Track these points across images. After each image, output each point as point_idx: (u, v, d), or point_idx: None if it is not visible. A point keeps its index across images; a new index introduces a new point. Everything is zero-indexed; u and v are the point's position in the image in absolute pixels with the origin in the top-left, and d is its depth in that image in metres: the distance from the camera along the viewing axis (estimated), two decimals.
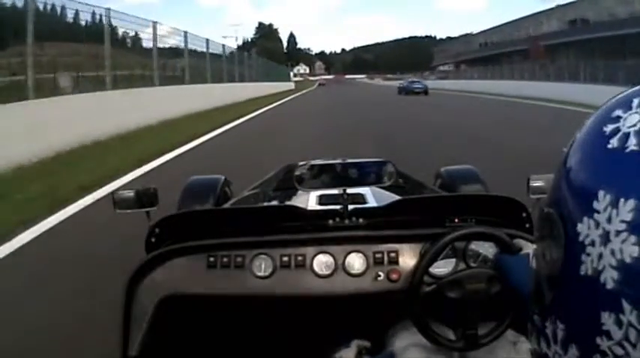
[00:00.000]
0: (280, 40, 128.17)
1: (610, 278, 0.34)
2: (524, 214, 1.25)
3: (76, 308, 2.68)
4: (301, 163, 1.40)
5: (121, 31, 13.28)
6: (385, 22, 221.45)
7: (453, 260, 1.12)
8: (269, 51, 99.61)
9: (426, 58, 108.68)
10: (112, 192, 1.42)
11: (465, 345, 1.02)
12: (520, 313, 1.01)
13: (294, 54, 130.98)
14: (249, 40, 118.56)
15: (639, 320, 0.33)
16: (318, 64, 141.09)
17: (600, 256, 0.35)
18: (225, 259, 1.16)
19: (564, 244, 0.38)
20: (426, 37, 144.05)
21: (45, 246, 3.81)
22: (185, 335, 1.33)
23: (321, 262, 1.16)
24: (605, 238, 0.34)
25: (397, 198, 1.41)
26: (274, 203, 1.83)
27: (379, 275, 1.15)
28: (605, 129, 0.37)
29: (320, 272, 1.16)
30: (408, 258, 1.15)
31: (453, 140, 9.29)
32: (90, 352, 2.23)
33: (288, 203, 1.56)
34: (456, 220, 1.20)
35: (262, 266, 1.16)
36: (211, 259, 1.16)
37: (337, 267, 1.16)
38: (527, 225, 1.25)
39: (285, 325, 1.36)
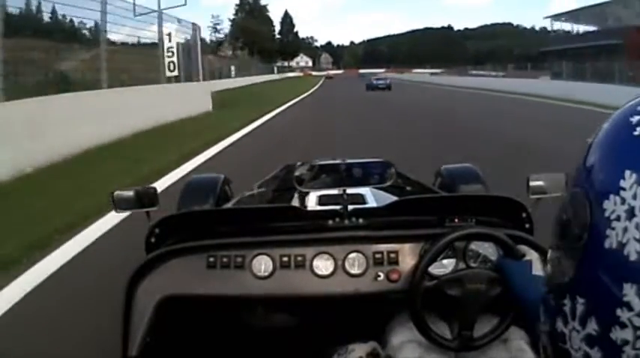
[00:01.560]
0: (271, 22, 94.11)
1: (634, 250, 0.36)
2: (524, 214, 1.25)
3: None
4: (301, 163, 1.40)
5: None
6: (388, 18, 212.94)
7: (453, 260, 1.12)
8: (253, 35, 75.49)
9: (460, 50, 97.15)
10: (112, 192, 1.41)
11: (459, 345, 1.03)
12: (518, 316, 1.01)
13: (291, 42, 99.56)
14: (229, 20, 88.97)
15: None
16: (324, 56, 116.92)
17: (625, 230, 0.37)
18: (224, 259, 1.16)
19: (589, 221, 0.41)
20: (442, 28, 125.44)
21: None
22: (185, 335, 1.33)
23: (321, 262, 1.16)
24: (631, 213, 0.37)
25: (397, 198, 1.41)
26: (274, 203, 1.82)
27: (379, 276, 1.15)
28: (631, 119, 0.41)
29: (320, 273, 1.16)
30: (407, 259, 1.15)
31: None
32: None
33: (288, 203, 1.56)
34: (456, 220, 1.20)
35: (262, 266, 1.16)
36: (211, 259, 1.16)
37: (337, 268, 1.16)
38: (527, 225, 1.25)
39: (284, 325, 1.36)
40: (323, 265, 1.16)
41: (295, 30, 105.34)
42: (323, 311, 1.29)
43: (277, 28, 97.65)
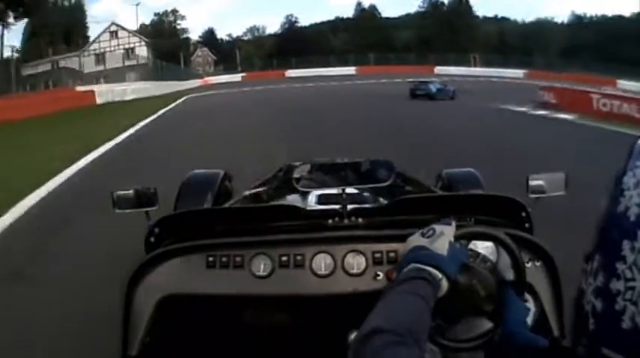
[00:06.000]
0: None
1: (633, 213, 0.47)
2: (523, 214, 1.27)
3: None
4: (301, 163, 1.46)
5: None
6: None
7: None
8: None
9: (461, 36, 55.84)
10: (112, 192, 1.47)
11: (450, 345, 0.99)
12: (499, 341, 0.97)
13: None
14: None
15: None
16: (201, 51, 62.01)
17: (631, 197, 0.48)
18: (224, 259, 1.16)
19: (613, 193, 0.50)
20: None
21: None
22: (185, 335, 1.32)
23: (321, 262, 1.16)
24: (636, 184, 0.48)
25: (397, 197, 1.40)
26: (274, 202, 1.79)
27: (378, 275, 1.15)
28: None
29: (319, 272, 1.16)
30: None
31: None
32: None
33: (287, 203, 1.56)
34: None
35: (261, 266, 1.16)
36: (210, 259, 1.17)
37: (336, 267, 1.16)
38: (527, 225, 1.27)
39: (284, 325, 1.33)
40: (322, 264, 1.16)
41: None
42: (322, 310, 1.27)
43: None
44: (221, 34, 71.14)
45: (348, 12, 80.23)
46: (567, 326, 1.10)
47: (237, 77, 44.34)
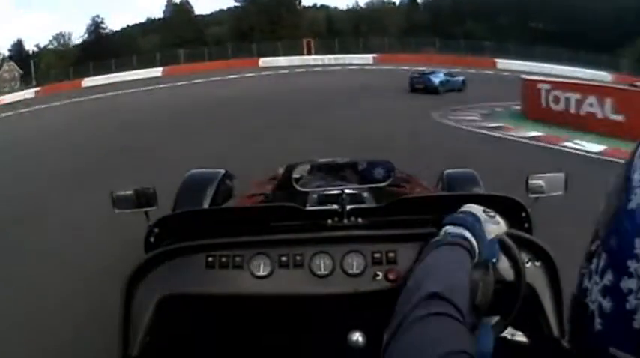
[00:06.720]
0: None
1: None
2: (523, 214, 1.28)
3: None
4: (301, 163, 1.46)
5: None
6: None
7: None
8: None
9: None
10: (111, 192, 1.46)
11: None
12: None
13: None
14: None
15: None
16: (8, 66, 48.11)
17: None
18: (223, 259, 1.17)
19: (623, 187, 0.49)
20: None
21: None
22: (185, 335, 1.33)
23: (320, 262, 1.17)
24: None
25: (396, 197, 1.40)
26: (273, 203, 1.82)
27: (377, 275, 1.15)
28: None
29: (318, 272, 1.16)
30: (406, 258, 1.14)
31: None
32: None
33: (286, 203, 1.51)
34: None
35: (261, 266, 1.17)
36: (210, 259, 1.17)
37: (335, 267, 1.17)
38: (527, 225, 1.28)
39: (283, 325, 1.34)
40: (322, 265, 1.17)
41: None
42: (321, 311, 1.27)
43: None
44: (29, 45, 63.10)
45: (159, 12, 68.27)
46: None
47: (30, 93, 41.36)
